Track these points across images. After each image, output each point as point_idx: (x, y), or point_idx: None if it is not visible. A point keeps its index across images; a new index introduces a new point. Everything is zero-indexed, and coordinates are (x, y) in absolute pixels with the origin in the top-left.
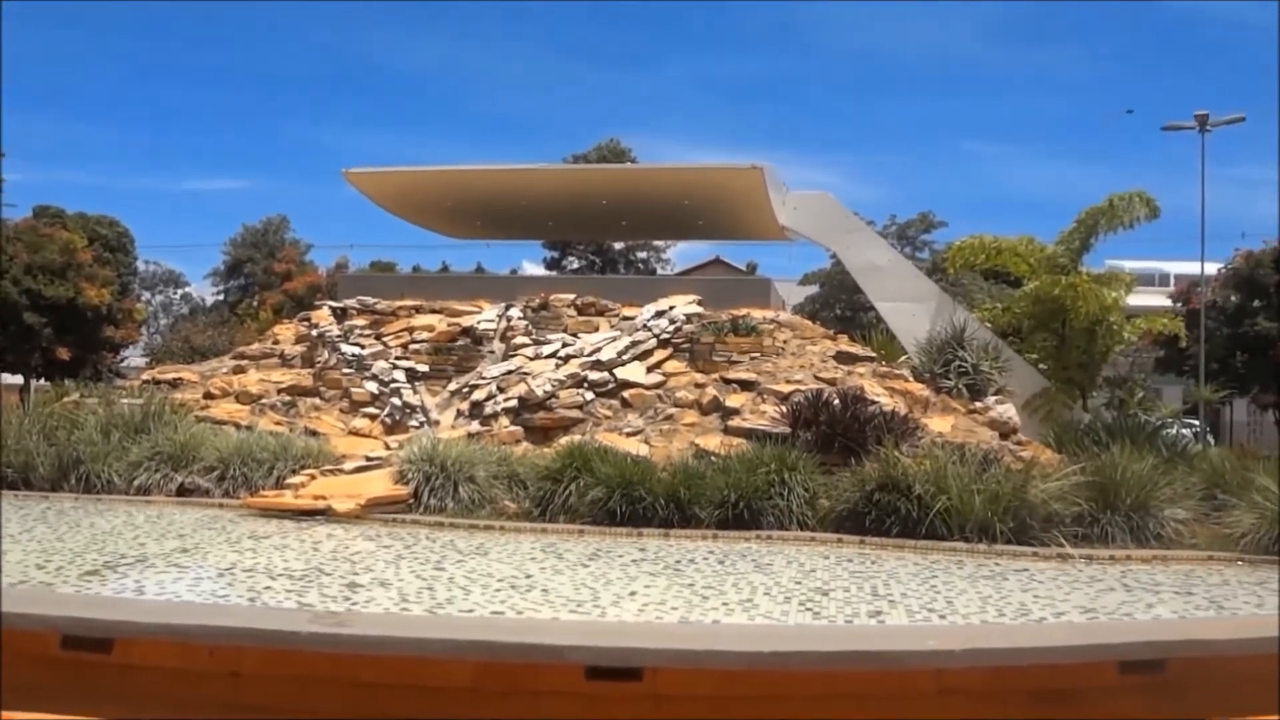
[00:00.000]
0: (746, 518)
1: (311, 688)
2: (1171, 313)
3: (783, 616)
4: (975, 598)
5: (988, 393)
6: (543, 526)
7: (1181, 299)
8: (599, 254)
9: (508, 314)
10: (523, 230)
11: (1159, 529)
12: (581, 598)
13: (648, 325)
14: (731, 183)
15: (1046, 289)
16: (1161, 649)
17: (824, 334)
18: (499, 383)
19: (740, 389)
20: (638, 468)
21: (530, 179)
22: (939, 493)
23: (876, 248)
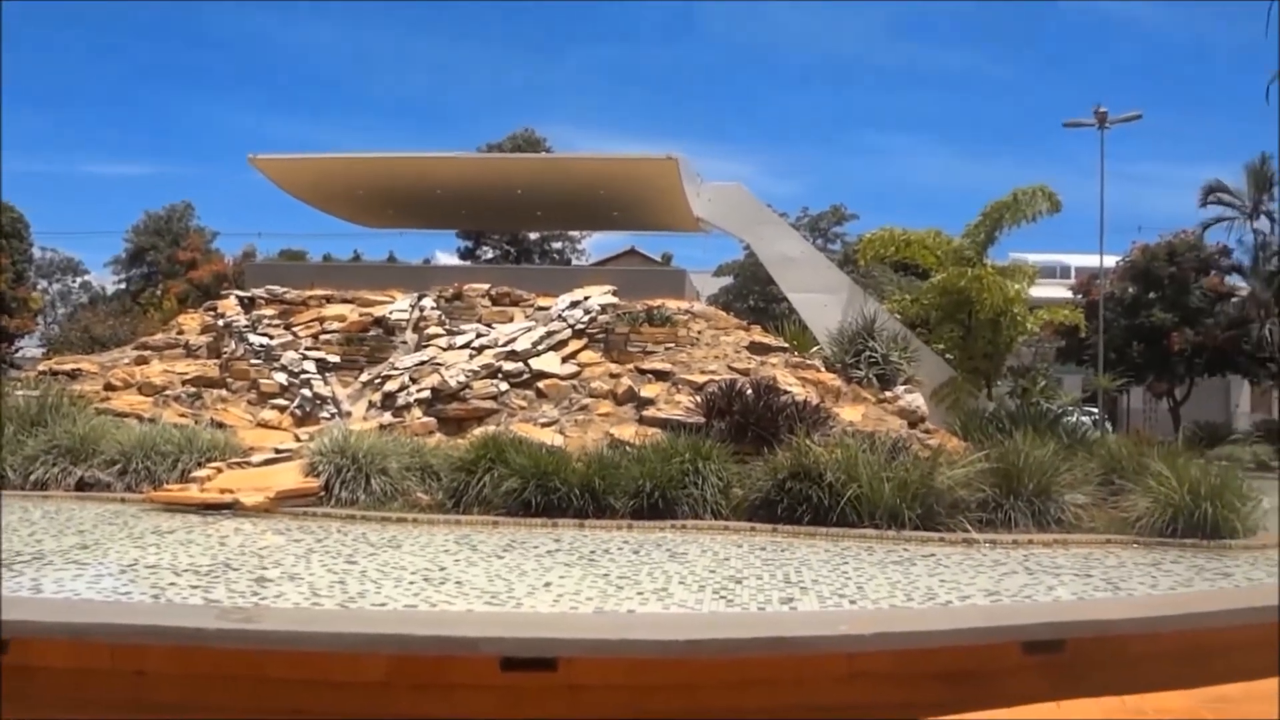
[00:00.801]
0: (661, 507)
1: (220, 685)
2: (1072, 304)
3: (697, 605)
4: (885, 583)
5: (897, 382)
6: (456, 518)
7: (1082, 291)
8: (514, 244)
9: (421, 304)
10: (436, 220)
11: (1059, 513)
12: (496, 589)
13: (563, 315)
14: (646, 173)
15: (953, 281)
16: (1061, 629)
17: (738, 325)
18: (412, 373)
19: (655, 379)
20: (552, 458)
21: (443, 167)
22: (850, 480)
23: (789, 239)
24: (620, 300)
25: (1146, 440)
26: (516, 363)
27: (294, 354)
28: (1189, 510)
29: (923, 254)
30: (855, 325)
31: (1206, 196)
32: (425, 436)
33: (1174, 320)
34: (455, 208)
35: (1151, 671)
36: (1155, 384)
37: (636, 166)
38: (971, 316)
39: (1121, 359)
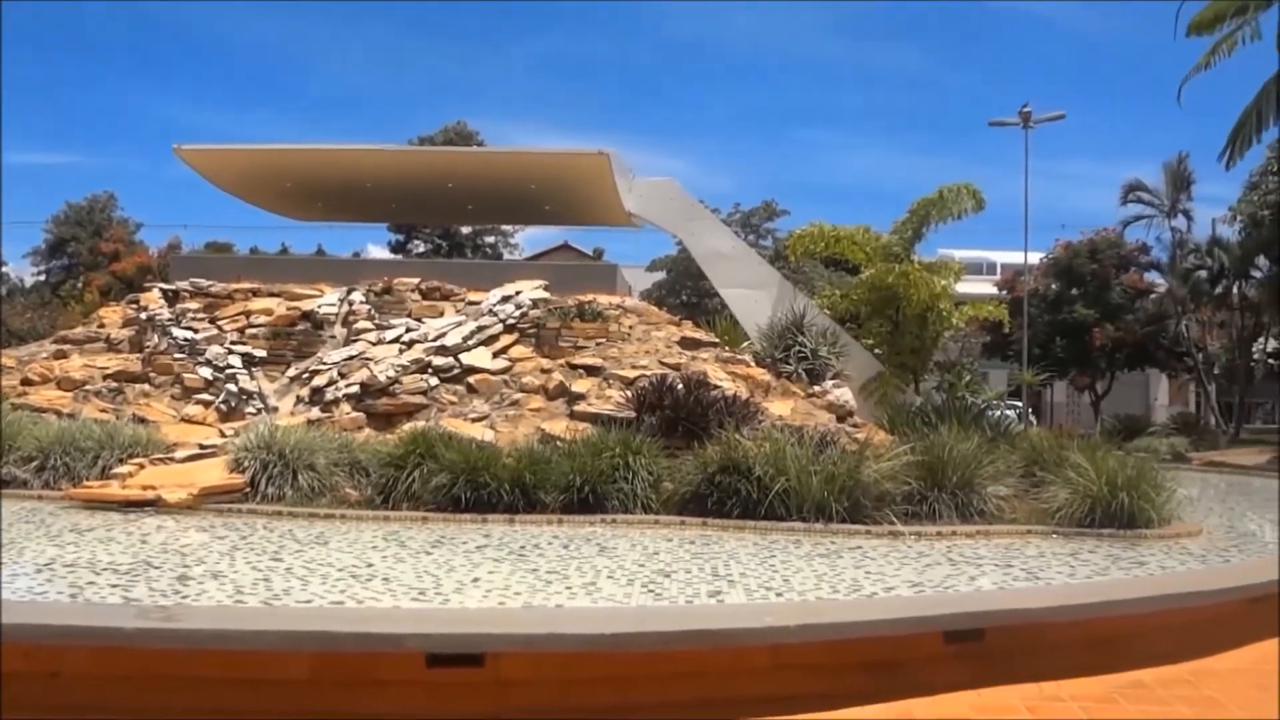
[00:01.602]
0: (591, 502)
1: (140, 685)
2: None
3: (625, 599)
4: (811, 575)
5: (826, 377)
6: (385, 514)
7: (1007, 287)
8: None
9: (350, 298)
10: (366, 213)
11: (982, 505)
12: (424, 585)
13: (494, 310)
14: (578, 168)
15: (881, 277)
16: (981, 619)
17: (669, 320)
18: (340, 368)
19: (586, 374)
20: (482, 454)
21: (373, 160)
22: (778, 474)
23: (720, 235)
24: (552, 295)
25: (1068, 433)
26: (447, 358)
27: (219, 348)
28: (1106, 501)
29: (852, 250)
30: (785, 320)
31: (1127, 195)
32: (354, 432)
33: (1095, 316)
34: (385, 201)
35: (1068, 659)
36: (1077, 378)
37: (568, 161)
38: (899, 312)
39: (1045, 354)
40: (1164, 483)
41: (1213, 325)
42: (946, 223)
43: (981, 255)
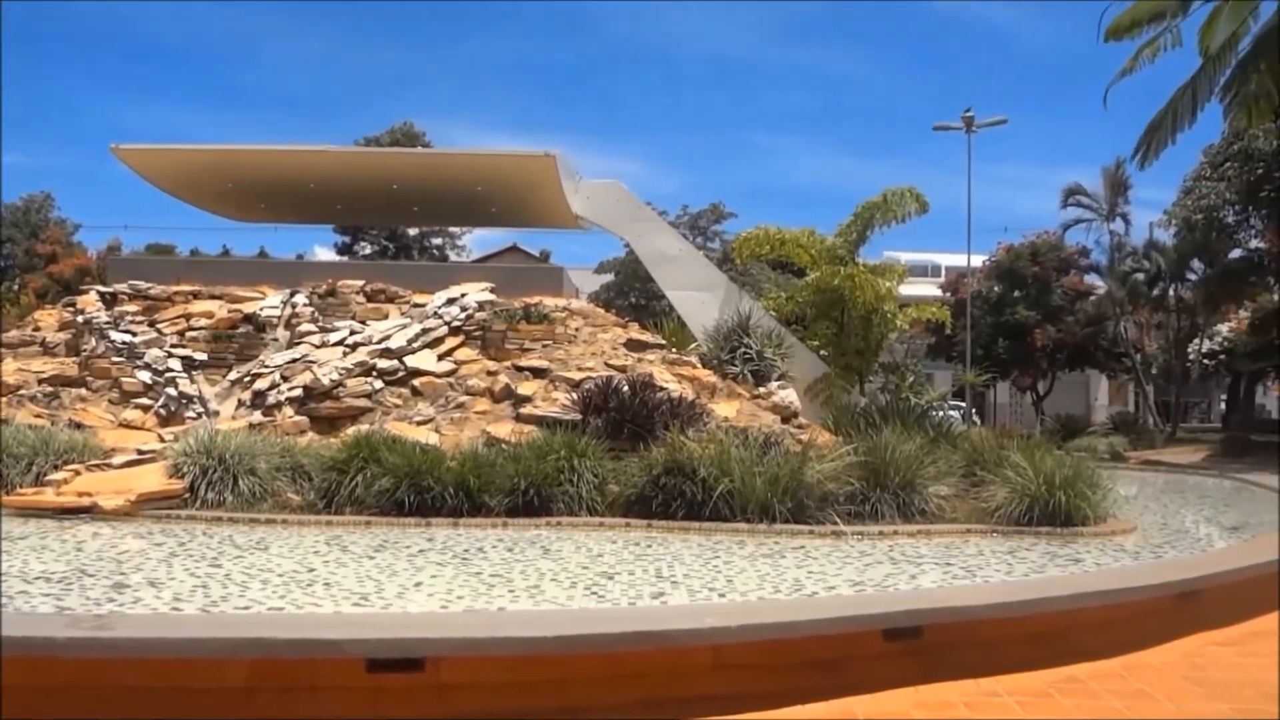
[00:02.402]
0: (537, 505)
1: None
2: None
3: (568, 601)
4: (754, 576)
5: (771, 378)
6: (328, 519)
7: (951, 289)
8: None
9: (293, 300)
10: (310, 214)
11: (924, 505)
12: (365, 590)
13: (439, 312)
14: (524, 170)
15: (826, 279)
16: (920, 616)
17: (615, 322)
18: (283, 371)
19: (532, 376)
20: (426, 457)
21: (316, 161)
22: (722, 475)
23: (667, 237)
24: (498, 297)
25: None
26: (391, 360)
27: (158, 351)
28: (1044, 500)
29: (797, 252)
30: (731, 322)
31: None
32: (297, 436)
33: (1037, 318)
34: (330, 202)
35: (1005, 655)
36: (1019, 379)
37: (514, 163)
38: (844, 314)
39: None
40: (1100, 481)
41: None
42: (891, 226)
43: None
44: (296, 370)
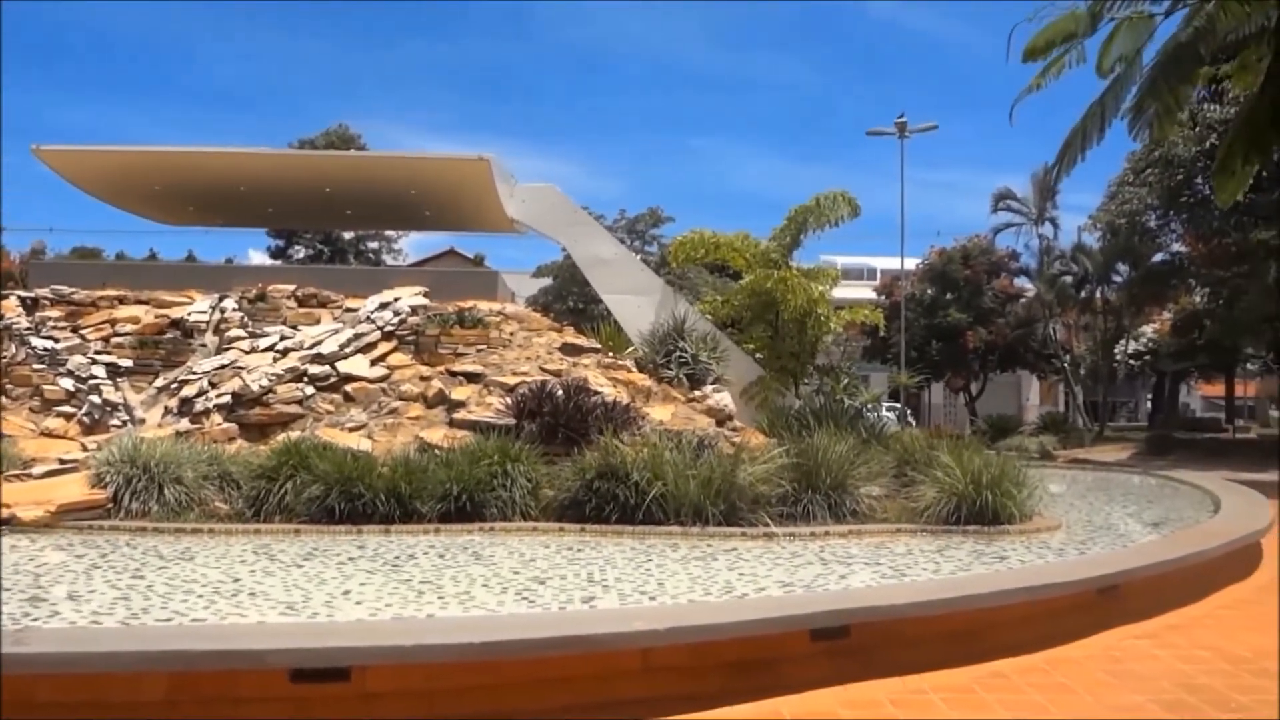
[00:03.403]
0: (469, 510)
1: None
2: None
3: (498, 607)
4: (685, 578)
5: (707, 382)
6: (256, 527)
7: (885, 292)
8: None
9: (222, 305)
10: (241, 217)
11: (855, 505)
12: (292, 599)
13: (371, 317)
14: (458, 173)
15: (760, 283)
16: (846, 615)
17: (550, 326)
18: (211, 378)
19: (466, 381)
20: (357, 463)
21: (246, 163)
22: (655, 479)
23: (602, 241)
24: (432, 302)
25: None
26: (323, 366)
27: (82, 358)
28: (971, 499)
29: (732, 256)
30: (667, 326)
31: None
32: (225, 443)
33: (969, 320)
34: (260, 205)
35: (930, 652)
36: (953, 380)
37: (448, 166)
38: (779, 317)
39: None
40: (1025, 480)
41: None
42: (824, 229)
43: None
44: (225, 376)
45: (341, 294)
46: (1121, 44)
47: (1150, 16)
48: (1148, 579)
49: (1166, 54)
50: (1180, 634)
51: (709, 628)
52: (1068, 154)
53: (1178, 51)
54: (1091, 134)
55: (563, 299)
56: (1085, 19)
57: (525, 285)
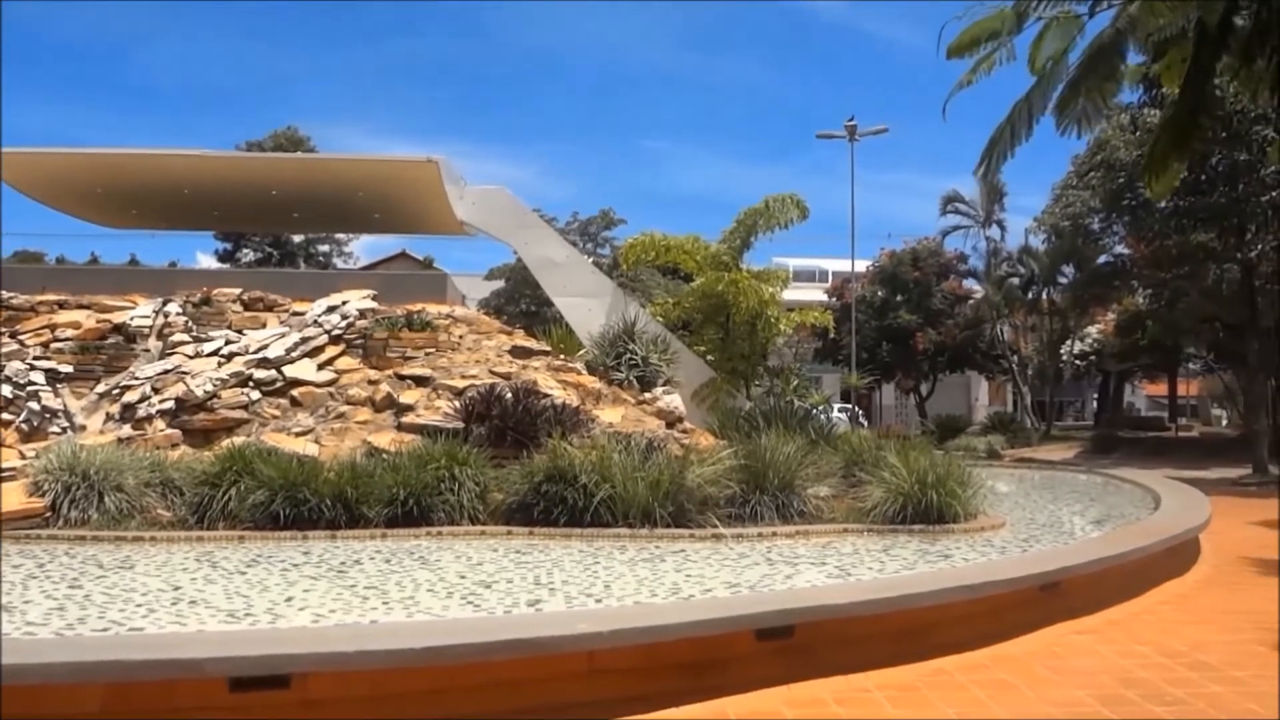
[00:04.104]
0: (417, 514)
1: None
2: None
3: (443, 611)
4: (633, 580)
5: (657, 384)
6: (199, 534)
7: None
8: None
9: (165, 309)
10: (185, 220)
11: (802, 506)
12: (234, 607)
13: (319, 321)
14: (407, 175)
15: (711, 285)
16: (791, 615)
17: (500, 329)
18: (154, 383)
19: (415, 385)
20: (303, 468)
21: (191, 166)
22: (603, 481)
23: (553, 243)
24: (380, 305)
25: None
26: (269, 370)
27: (20, 364)
28: (917, 498)
29: (683, 258)
30: (617, 328)
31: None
32: (168, 449)
33: (918, 321)
34: (205, 208)
35: (875, 650)
36: (903, 381)
37: (396, 168)
38: (730, 319)
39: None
40: (970, 479)
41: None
42: (773, 232)
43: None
44: (168, 382)
45: (289, 297)
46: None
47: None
48: (1089, 575)
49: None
50: (1120, 629)
51: (654, 629)
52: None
53: (1100, 51)
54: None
55: (515, 302)
56: (1011, 17)
57: (478, 288)
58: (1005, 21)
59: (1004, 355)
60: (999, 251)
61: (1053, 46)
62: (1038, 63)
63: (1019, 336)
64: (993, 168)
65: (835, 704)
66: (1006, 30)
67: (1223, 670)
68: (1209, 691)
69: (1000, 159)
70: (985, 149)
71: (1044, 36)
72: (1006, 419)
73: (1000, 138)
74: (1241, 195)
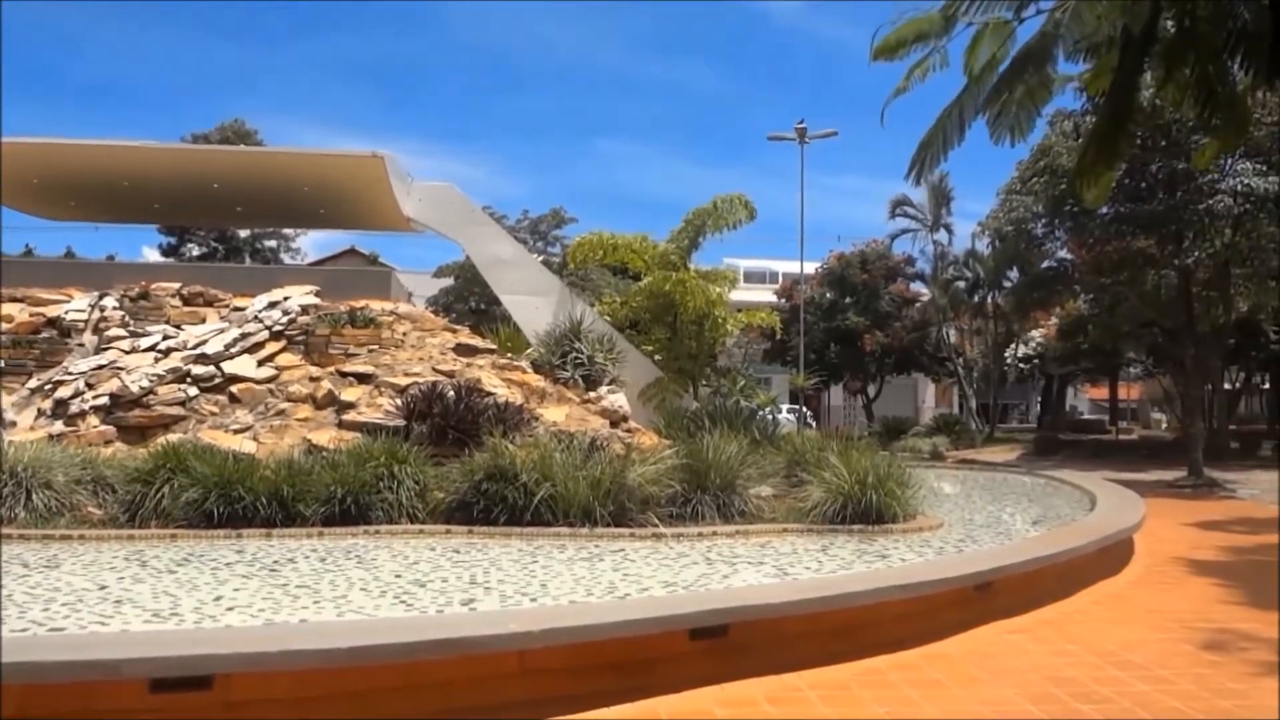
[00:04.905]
0: (355, 513)
1: None
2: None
3: (374, 611)
4: (570, 579)
5: (603, 383)
6: (130, 533)
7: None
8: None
9: (102, 304)
10: (125, 213)
11: (744, 506)
12: (160, 607)
13: (259, 317)
14: (352, 171)
15: (659, 284)
16: (725, 615)
17: (445, 326)
18: (88, 378)
19: (357, 382)
20: (238, 466)
21: (130, 157)
22: (544, 480)
23: (500, 241)
24: (323, 301)
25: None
26: (207, 366)
27: None
28: (857, 498)
29: (631, 257)
30: (564, 327)
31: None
32: (101, 446)
33: (866, 323)
34: (146, 201)
35: (809, 650)
36: (851, 382)
37: (341, 163)
38: (677, 319)
39: (821, 359)
40: (910, 480)
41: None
42: (722, 232)
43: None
44: (103, 377)
45: (230, 293)
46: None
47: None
48: (1023, 575)
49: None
50: (1052, 628)
51: (586, 628)
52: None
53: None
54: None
55: (464, 299)
56: (939, 20)
57: (427, 285)
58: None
59: (950, 358)
60: (946, 255)
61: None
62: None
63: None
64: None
65: (767, 703)
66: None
67: (1149, 669)
68: (1135, 690)
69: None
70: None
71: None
72: (951, 421)
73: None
74: (1179, 203)
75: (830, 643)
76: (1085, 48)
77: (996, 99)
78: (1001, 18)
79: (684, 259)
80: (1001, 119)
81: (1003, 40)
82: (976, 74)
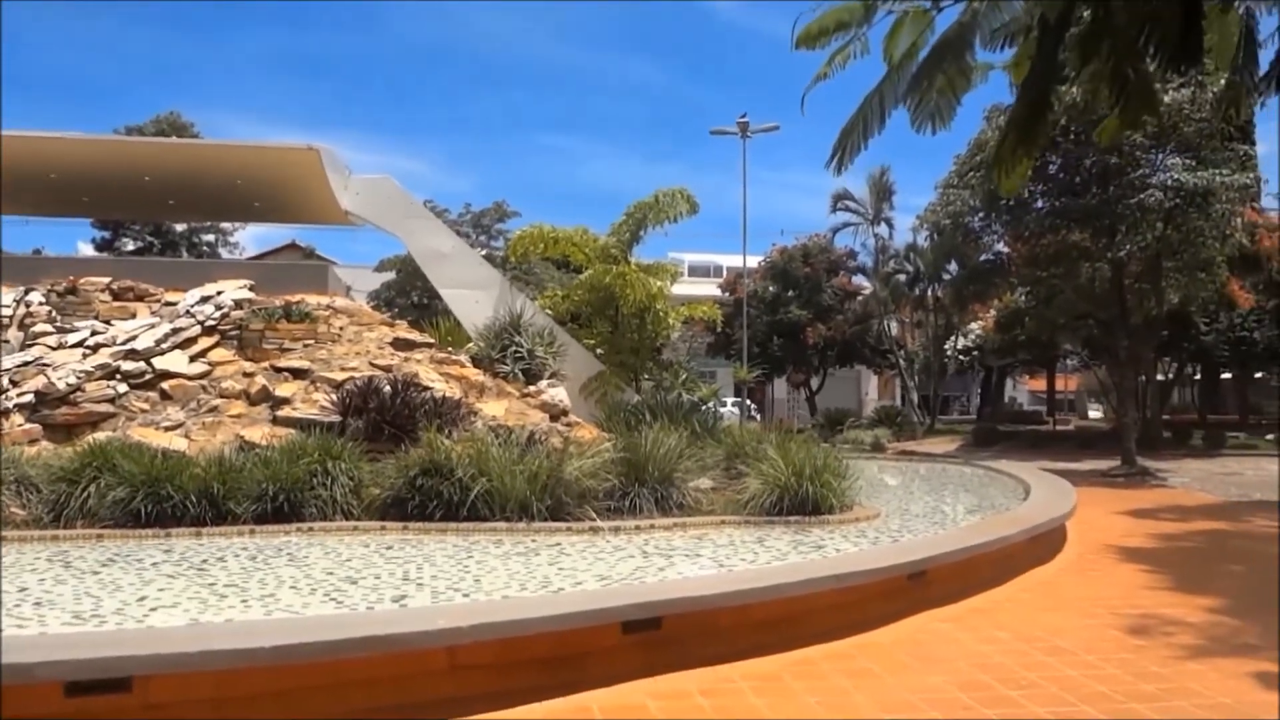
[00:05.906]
0: (287, 510)
1: None
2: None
3: (303, 609)
4: (504, 574)
5: (543, 377)
6: (54, 533)
7: (729, 289)
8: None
9: (27, 299)
10: (53, 207)
11: (682, 499)
12: (81, 608)
13: (191, 311)
14: (286, 163)
15: (599, 277)
16: (657, 608)
17: (382, 320)
18: (12, 375)
19: (292, 377)
20: (167, 464)
21: (56, 148)
22: (480, 475)
23: (439, 234)
24: (258, 295)
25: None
26: (137, 362)
27: None
28: (793, 490)
29: (572, 250)
30: (504, 320)
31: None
32: (26, 445)
33: (809, 316)
34: (74, 194)
35: (743, 641)
36: (794, 375)
37: (275, 156)
38: (619, 312)
39: (764, 352)
40: (846, 471)
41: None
42: (663, 225)
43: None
44: (28, 374)
45: (162, 288)
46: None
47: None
48: (955, 564)
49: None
50: (982, 616)
51: (516, 623)
52: (848, 142)
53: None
54: (872, 124)
55: (406, 294)
56: (859, 9)
57: (369, 280)
58: (854, 13)
59: (891, 350)
60: (887, 249)
61: (907, 40)
62: (894, 57)
63: (906, 332)
64: (845, 160)
65: (700, 695)
66: (855, 21)
67: (1076, 654)
68: (1061, 675)
69: (853, 151)
70: (837, 141)
71: (897, 30)
72: (893, 413)
73: (853, 129)
74: (1112, 197)
75: (763, 634)
76: (1005, 35)
77: (917, 87)
78: (920, 5)
79: (625, 252)
80: (922, 107)
81: (922, 28)
82: (896, 62)
